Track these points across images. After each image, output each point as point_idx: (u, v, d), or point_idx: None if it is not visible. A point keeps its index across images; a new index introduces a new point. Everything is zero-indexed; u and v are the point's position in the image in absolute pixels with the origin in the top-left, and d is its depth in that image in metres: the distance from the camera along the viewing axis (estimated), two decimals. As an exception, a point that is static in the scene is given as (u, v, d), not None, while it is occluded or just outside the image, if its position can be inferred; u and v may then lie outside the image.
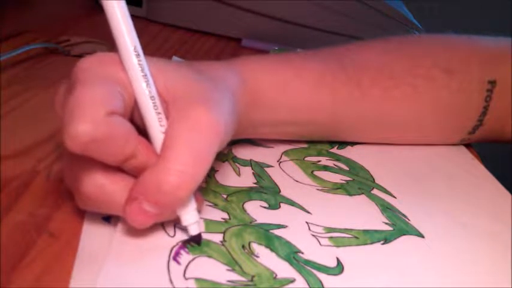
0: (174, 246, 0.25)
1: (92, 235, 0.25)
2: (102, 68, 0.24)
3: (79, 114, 0.21)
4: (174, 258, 0.24)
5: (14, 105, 0.36)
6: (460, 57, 0.38)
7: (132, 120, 0.25)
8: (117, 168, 0.24)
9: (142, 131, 0.25)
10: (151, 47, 0.52)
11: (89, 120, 0.21)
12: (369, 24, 0.59)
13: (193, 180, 0.23)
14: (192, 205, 0.25)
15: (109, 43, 0.50)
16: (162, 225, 0.26)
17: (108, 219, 0.26)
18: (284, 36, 0.59)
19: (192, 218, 0.25)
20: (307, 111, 0.34)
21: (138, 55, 0.24)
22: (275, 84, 0.33)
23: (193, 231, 0.25)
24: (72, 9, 0.60)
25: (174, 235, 0.25)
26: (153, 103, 0.24)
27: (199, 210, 0.26)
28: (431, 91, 0.36)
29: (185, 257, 0.24)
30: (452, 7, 1.70)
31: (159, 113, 0.24)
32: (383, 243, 0.28)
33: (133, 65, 0.24)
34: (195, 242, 0.25)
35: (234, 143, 0.35)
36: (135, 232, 0.25)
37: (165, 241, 0.25)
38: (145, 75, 0.24)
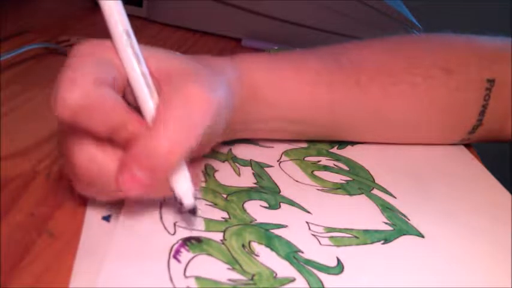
0: (174, 244, 0.25)
1: (92, 234, 0.25)
2: (94, 50, 0.25)
3: (68, 82, 0.22)
4: (175, 257, 0.24)
5: (14, 105, 0.36)
6: (459, 56, 0.38)
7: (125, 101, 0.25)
8: (109, 142, 0.24)
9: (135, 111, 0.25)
10: (151, 47, 0.52)
11: (78, 87, 0.22)
12: (368, 24, 0.59)
13: (183, 146, 0.24)
14: (185, 175, 0.25)
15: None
16: (162, 224, 0.26)
17: (108, 218, 0.26)
18: (284, 36, 0.59)
19: (184, 186, 0.25)
20: (305, 109, 0.34)
21: (129, 37, 0.24)
22: (272, 81, 0.33)
23: (187, 199, 0.25)
24: (72, 9, 0.60)
25: (174, 233, 0.25)
26: (144, 80, 0.24)
27: (194, 184, 0.26)
28: (430, 90, 0.36)
29: (185, 255, 0.24)
30: (452, 7, 1.70)
31: (151, 90, 0.24)
32: (383, 243, 0.28)
33: (123, 45, 0.24)
34: (191, 214, 0.25)
35: (234, 143, 0.36)
36: (135, 230, 0.25)
37: (165, 239, 0.25)
38: (136, 54, 0.24)
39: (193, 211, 0.26)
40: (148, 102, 0.24)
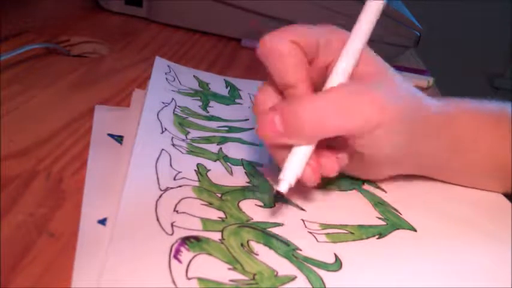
0: (173, 244, 0.25)
1: (88, 238, 0.25)
2: (321, 28, 0.29)
3: (278, 31, 0.27)
4: (175, 257, 0.24)
5: (14, 105, 0.36)
6: None
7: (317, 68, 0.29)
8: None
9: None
10: (151, 47, 0.52)
11: (275, 36, 0.27)
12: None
13: (322, 122, 0.26)
14: (298, 168, 0.27)
15: (109, 43, 0.51)
16: (159, 224, 0.26)
17: (103, 222, 0.26)
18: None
19: (288, 176, 0.27)
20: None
21: (366, 36, 0.28)
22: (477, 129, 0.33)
23: (281, 187, 0.27)
24: (72, 9, 0.60)
25: (173, 233, 0.25)
26: (348, 64, 0.28)
27: (301, 182, 0.28)
28: None
29: (186, 254, 0.24)
30: (452, 7, 1.70)
31: (345, 74, 0.28)
32: (378, 238, 0.29)
33: (360, 37, 0.28)
34: (279, 196, 0.27)
35: (224, 142, 0.36)
36: (132, 233, 0.25)
37: (164, 240, 0.25)
38: (359, 49, 0.28)
39: (277, 196, 0.27)
40: (334, 79, 0.28)
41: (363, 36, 0.28)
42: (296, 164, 0.27)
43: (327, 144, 0.29)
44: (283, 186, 0.27)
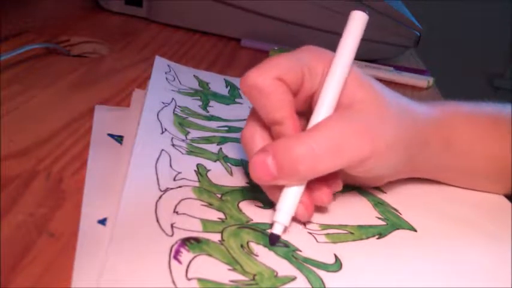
0: (173, 245, 0.25)
1: (88, 238, 0.25)
2: (304, 54, 0.28)
3: (259, 66, 0.27)
4: (175, 257, 0.24)
5: (14, 105, 0.36)
6: None
7: (301, 99, 0.28)
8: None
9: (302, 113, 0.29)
10: (151, 47, 0.52)
11: (258, 73, 0.27)
12: (369, 24, 0.59)
13: (316, 162, 0.25)
14: (291, 209, 0.27)
15: (109, 43, 0.51)
16: (159, 226, 0.26)
17: (103, 222, 0.26)
18: (284, 36, 0.59)
19: (282, 219, 0.27)
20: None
21: (351, 59, 0.27)
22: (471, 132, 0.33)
23: (276, 230, 0.27)
24: (72, 9, 0.60)
25: (172, 234, 0.25)
26: (333, 95, 0.27)
27: (298, 215, 0.28)
28: None
29: (186, 255, 0.24)
30: (452, 7, 1.70)
31: (330, 105, 0.27)
32: (378, 238, 0.29)
33: (344, 62, 0.27)
34: (272, 239, 0.26)
35: (223, 142, 0.36)
36: (132, 232, 0.25)
37: (164, 240, 0.25)
38: (345, 74, 0.27)
39: (272, 238, 0.26)
40: (321, 112, 0.27)
41: (348, 56, 0.27)
42: (289, 205, 0.27)
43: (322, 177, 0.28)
44: (277, 229, 0.27)
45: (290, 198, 0.27)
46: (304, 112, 0.29)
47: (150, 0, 0.60)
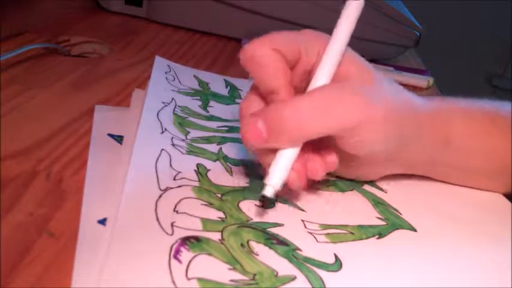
0: (173, 244, 0.25)
1: (88, 238, 0.25)
2: (301, 34, 0.29)
3: (258, 39, 0.28)
4: (175, 257, 0.24)
5: (14, 105, 0.36)
6: None
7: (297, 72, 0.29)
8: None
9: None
10: (151, 47, 0.52)
11: (256, 45, 0.28)
12: (369, 24, 0.59)
13: (302, 123, 0.26)
14: (283, 173, 0.27)
15: (108, 43, 0.51)
16: (159, 224, 0.26)
17: (103, 222, 0.26)
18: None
19: (273, 181, 0.27)
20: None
21: (348, 39, 0.28)
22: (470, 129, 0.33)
23: (266, 192, 0.27)
24: (72, 9, 0.60)
25: (172, 233, 0.25)
26: (330, 67, 0.28)
27: (287, 186, 0.28)
28: None
29: (185, 255, 0.24)
30: (452, 7, 1.70)
31: (327, 76, 0.28)
32: (378, 238, 0.29)
33: (341, 40, 0.28)
34: (264, 202, 0.27)
35: (223, 142, 0.36)
36: (132, 232, 0.25)
37: (164, 240, 0.25)
38: (341, 50, 0.28)
39: (264, 201, 0.27)
40: (317, 81, 0.28)
41: (344, 37, 0.28)
42: (281, 169, 0.27)
43: (317, 150, 0.29)
44: (268, 191, 0.27)
45: (282, 162, 0.27)
46: (301, 90, 0.29)
47: (150, 0, 0.60)
